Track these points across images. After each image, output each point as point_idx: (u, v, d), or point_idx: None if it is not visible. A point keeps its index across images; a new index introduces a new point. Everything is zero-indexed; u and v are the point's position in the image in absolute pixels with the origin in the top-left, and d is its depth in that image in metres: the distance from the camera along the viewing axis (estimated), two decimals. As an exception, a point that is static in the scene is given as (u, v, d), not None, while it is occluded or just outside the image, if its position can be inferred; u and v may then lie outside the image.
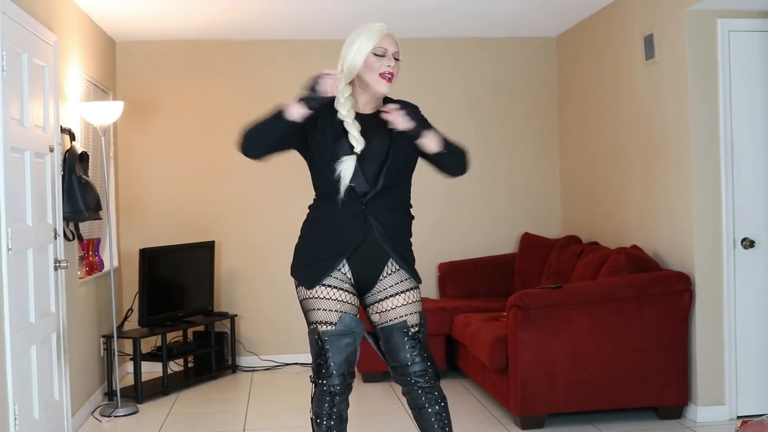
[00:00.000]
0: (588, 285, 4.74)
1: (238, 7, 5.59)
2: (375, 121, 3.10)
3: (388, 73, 3.04)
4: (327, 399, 3.05)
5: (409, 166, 3.14)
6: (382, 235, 3.06)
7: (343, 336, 3.05)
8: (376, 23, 3.10)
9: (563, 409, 4.62)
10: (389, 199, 3.09)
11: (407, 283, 3.13)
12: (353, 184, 3.03)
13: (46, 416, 4.27)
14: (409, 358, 3.07)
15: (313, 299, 3.09)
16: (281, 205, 6.65)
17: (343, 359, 3.05)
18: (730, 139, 4.67)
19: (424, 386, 3.08)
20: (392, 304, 3.10)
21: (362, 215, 3.06)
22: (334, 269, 3.08)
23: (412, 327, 3.09)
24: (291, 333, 6.64)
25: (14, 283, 3.82)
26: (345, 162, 3.01)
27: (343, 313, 3.06)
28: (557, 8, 5.89)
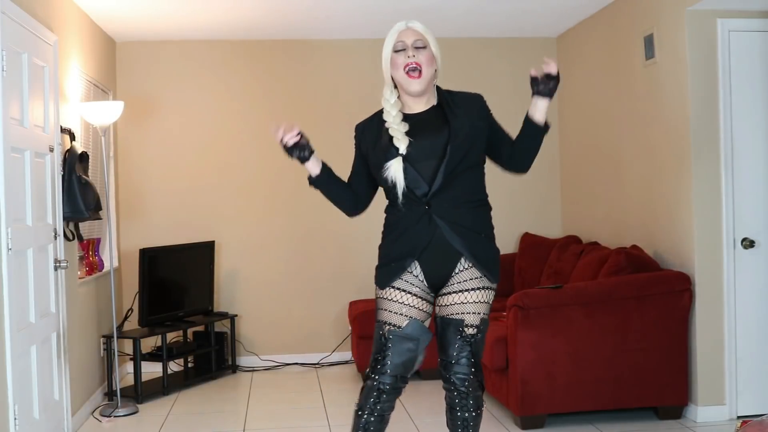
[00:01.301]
0: (588, 285, 4.74)
1: (238, 7, 5.59)
2: (430, 117, 3.08)
3: (413, 64, 3.02)
4: (374, 395, 3.06)
5: (473, 157, 3.07)
6: (449, 232, 3.03)
7: (407, 340, 3.05)
8: (398, 23, 3.12)
9: (563, 409, 4.62)
10: (454, 194, 3.04)
11: (477, 282, 3.08)
12: (411, 186, 3.01)
13: (46, 416, 4.27)
14: (454, 357, 3.06)
15: (384, 300, 3.11)
16: (281, 205, 6.66)
17: (400, 362, 3.05)
18: (730, 139, 4.67)
19: (462, 390, 3.07)
20: (456, 300, 3.08)
21: (426, 215, 3.04)
22: (405, 271, 3.07)
23: (467, 327, 3.07)
24: (291, 333, 6.65)
25: (14, 283, 3.82)
26: (391, 166, 3.00)
27: (411, 318, 3.06)
28: (557, 8, 5.89)
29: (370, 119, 3.18)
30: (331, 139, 6.61)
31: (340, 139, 6.19)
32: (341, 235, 6.61)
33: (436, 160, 3.01)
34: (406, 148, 3.01)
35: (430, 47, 3.08)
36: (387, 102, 3.10)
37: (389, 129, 3.05)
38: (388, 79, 3.10)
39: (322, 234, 6.68)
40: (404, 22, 3.10)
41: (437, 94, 3.15)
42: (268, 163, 6.62)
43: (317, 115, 6.61)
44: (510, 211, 6.80)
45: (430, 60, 3.06)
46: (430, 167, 3.01)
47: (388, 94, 3.11)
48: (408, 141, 3.01)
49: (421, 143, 3.02)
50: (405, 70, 3.03)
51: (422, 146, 3.02)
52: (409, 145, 3.01)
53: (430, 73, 3.06)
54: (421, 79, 3.03)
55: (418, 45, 3.05)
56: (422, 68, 3.03)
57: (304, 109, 6.62)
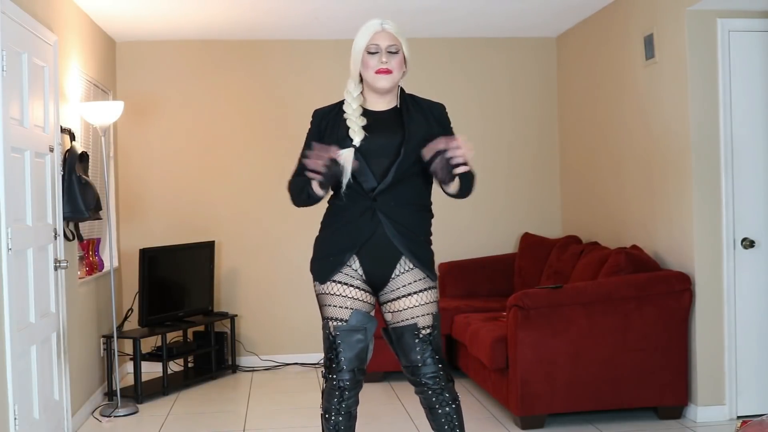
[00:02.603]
0: (588, 285, 4.74)
1: (238, 7, 5.59)
2: (389, 117, 3.10)
3: (383, 70, 3.04)
4: (336, 394, 3.06)
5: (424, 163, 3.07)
6: (391, 231, 3.04)
7: (355, 332, 3.06)
8: (373, 20, 3.11)
9: (563, 409, 4.62)
10: (401, 195, 3.05)
11: (421, 284, 3.10)
12: (360, 180, 3.02)
13: (46, 416, 4.27)
14: (420, 360, 3.07)
15: (326, 295, 3.12)
16: (281, 205, 6.64)
17: (353, 355, 3.06)
18: (730, 139, 4.67)
19: (434, 388, 3.08)
20: (404, 305, 3.08)
21: (370, 210, 3.04)
22: (344, 264, 3.08)
23: (423, 329, 3.08)
24: (291, 333, 6.65)
25: (14, 283, 3.82)
26: (341, 155, 2.99)
27: (354, 309, 3.07)
28: (557, 8, 5.89)
29: (331, 108, 3.19)
30: (331, 139, 6.62)
31: (340, 139, 6.21)
32: (341, 235, 6.60)
33: (388, 158, 3.03)
34: (360, 141, 3.02)
35: (402, 51, 3.10)
36: (349, 94, 3.12)
37: (347, 120, 3.06)
38: (355, 74, 3.12)
39: (322, 234, 6.68)
40: (379, 22, 3.10)
41: (400, 96, 3.16)
42: (268, 163, 6.62)
43: (317, 115, 6.60)
44: (510, 211, 6.80)
45: (400, 65, 3.09)
46: (382, 165, 3.03)
47: (352, 87, 3.13)
48: (363, 135, 3.02)
49: (376, 140, 3.03)
50: (375, 73, 3.05)
51: (376, 144, 3.03)
52: (364, 139, 3.02)
53: (399, 75, 3.10)
54: (389, 77, 3.06)
55: (391, 50, 3.07)
56: (393, 71, 3.06)
57: (303, 109, 6.59)
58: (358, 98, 3.11)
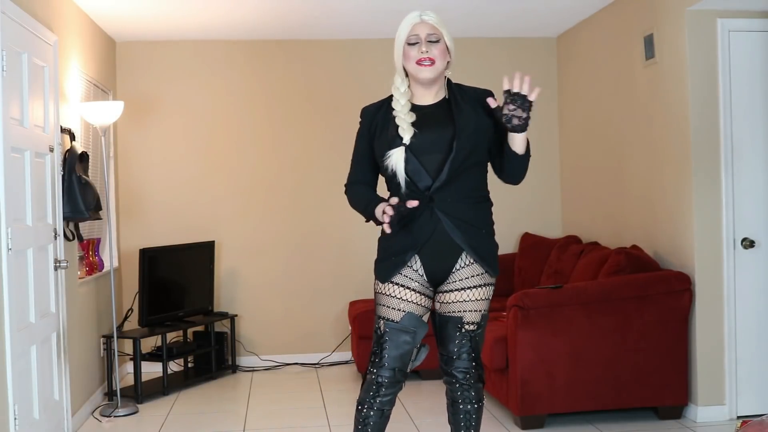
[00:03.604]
0: (588, 285, 4.74)
1: (238, 7, 5.59)
2: (438, 111, 3.07)
3: (426, 59, 3.01)
4: (374, 388, 3.07)
5: (478, 154, 3.06)
6: (450, 227, 3.02)
7: (403, 333, 3.06)
8: (412, 12, 3.09)
9: (563, 409, 4.62)
10: (457, 189, 3.03)
11: (478, 279, 3.08)
12: (414, 179, 3.00)
13: (46, 416, 4.27)
14: (455, 352, 3.09)
15: (383, 295, 3.11)
16: (281, 205, 6.66)
17: (397, 354, 3.06)
18: (730, 139, 4.67)
19: (463, 383, 3.10)
20: (456, 298, 3.08)
21: (428, 209, 3.02)
22: (405, 265, 3.06)
23: (467, 324, 3.08)
24: (291, 333, 6.65)
25: (14, 283, 3.82)
26: (393, 154, 2.98)
27: (408, 312, 3.07)
28: (557, 8, 5.89)
29: (379, 105, 3.16)
30: (330, 139, 6.62)
31: (339, 139, 6.20)
32: (341, 235, 6.61)
33: (441, 154, 3.00)
34: (410, 139, 2.99)
35: (443, 40, 3.08)
36: (397, 90, 3.09)
37: (396, 118, 3.04)
38: (400, 68, 3.09)
39: (322, 234, 6.68)
40: (418, 14, 3.08)
41: (447, 88, 3.14)
42: (268, 163, 6.62)
43: (317, 115, 6.61)
44: (510, 211, 6.79)
45: (443, 53, 3.07)
46: (435, 161, 3.00)
47: (398, 82, 3.10)
48: (413, 132, 3.00)
49: (427, 136, 3.01)
50: (417, 63, 3.03)
51: (427, 139, 3.00)
52: (414, 136, 3.00)
53: (443, 64, 3.07)
54: (432, 67, 3.03)
55: (431, 39, 3.05)
56: (435, 61, 3.04)
57: (304, 109, 6.62)
58: (406, 93, 3.08)
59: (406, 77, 3.10)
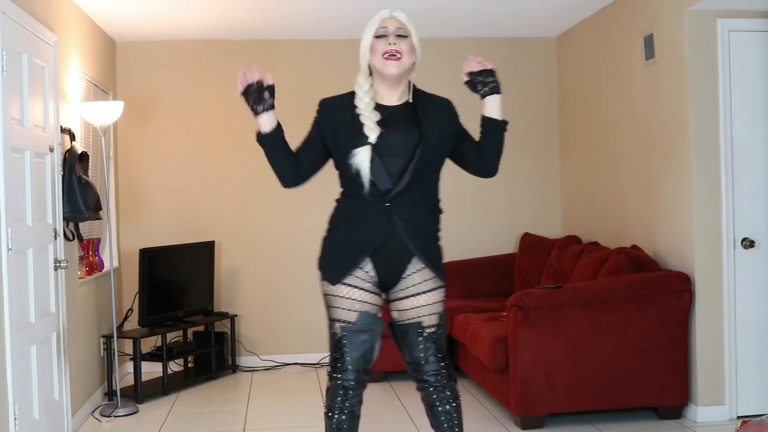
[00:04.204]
0: (588, 285, 4.74)
1: (238, 7, 5.59)
2: (402, 112, 3.04)
3: (394, 51, 2.97)
4: (340, 393, 3.06)
5: (439, 161, 3.06)
6: (406, 232, 3.01)
7: (361, 333, 3.05)
8: (381, 10, 3.06)
9: (563, 409, 4.62)
10: (415, 195, 3.01)
11: (430, 283, 3.08)
12: (375, 180, 2.97)
13: (46, 416, 4.27)
14: (422, 357, 3.07)
15: (335, 297, 3.08)
16: (281, 205, 6.66)
17: (359, 355, 3.05)
18: (730, 139, 4.67)
19: (436, 385, 3.08)
20: (412, 304, 3.07)
21: (386, 212, 3.00)
22: (357, 267, 3.04)
23: (428, 327, 3.07)
24: (291, 333, 6.65)
25: (14, 283, 3.82)
26: (359, 154, 2.95)
27: (362, 312, 3.05)
28: (557, 8, 5.89)
29: (340, 99, 3.12)
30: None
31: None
32: (341, 235, 6.60)
33: (404, 158, 2.98)
34: (376, 138, 2.96)
35: (412, 38, 3.03)
36: (360, 88, 3.06)
37: (360, 116, 3.00)
38: (364, 66, 3.06)
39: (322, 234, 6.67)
40: (388, 10, 3.05)
41: (412, 91, 3.11)
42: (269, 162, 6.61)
43: (317, 115, 6.60)
44: (510, 211, 6.80)
45: (410, 49, 3.02)
46: (398, 165, 2.98)
47: (362, 80, 3.07)
48: (379, 131, 2.96)
49: (391, 138, 2.97)
50: (384, 56, 2.98)
51: (393, 141, 2.97)
52: (380, 136, 2.96)
53: (409, 62, 3.02)
54: (399, 62, 2.99)
55: (400, 33, 3.01)
56: (402, 55, 2.99)
57: (303, 109, 6.61)
58: (370, 91, 3.05)
59: (369, 76, 3.07)
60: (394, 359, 3.57)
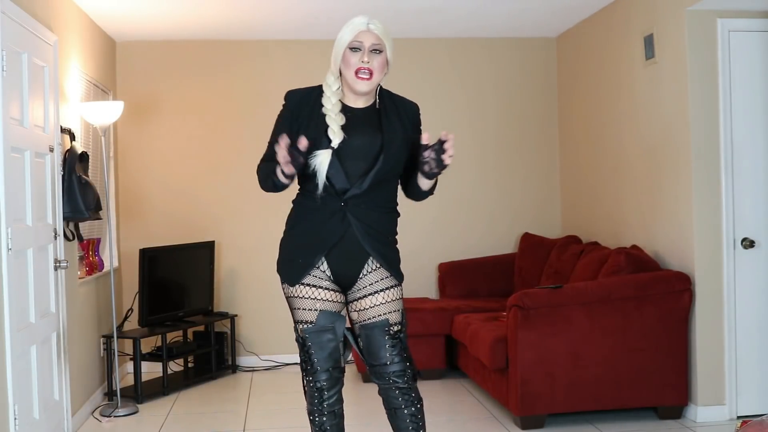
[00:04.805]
0: (588, 285, 4.74)
1: (238, 7, 5.59)
2: (367, 116, 3.04)
3: (364, 69, 2.97)
4: (315, 395, 3.06)
5: (399, 167, 3.07)
6: (361, 233, 3.01)
7: (323, 332, 3.06)
8: (359, 18, 3.04)
9: (563, 409, 4.62)
10: (372, 198, 3.02)
11: (387, 281, 3.08)
12: (332, 180, 2.97)
13: (46, 416, 4.27)
14: (388, 358, 3.05)
15: (295, 298, 3.11)
16: (281, 205, 6.64)
17: (326, 355, 3.06)
18: (730, 139, 4.67)
19: (402, 386, 3.07)
20: (371, 303, 3.07)
21: (341, 212, 3.01)
22: (314, 267, 3.06)
23: (393, 326, 3.07)
24: (291, 333, 6.58)
25: (14, 283, 3.82)
26: (319, 156, 2.94)
27: (322, 311, 3.06)
28: (557, 8, 5.89)
29: (307, 93, 3.12)
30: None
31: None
32: (341, 235, 6.60)
33: (365, 163, 2.99)
34: (338, 143, 2.96)
35: (385, 52, 3.03)
36: (329, 88, 3.06)
37: (326, 117, 3.00)
38: (335, 69, 3.05)
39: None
40: (365, 21, 3.03)
41: (378, 93, 3.11)
42: (268, 163, 6.61)
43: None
44: (510, 211, 6.80)
45: (382, 66, 3.02)
46: (358, 168, 2.99)
47: (331, 81, 3.07)
48: (342, 137, 2.96)
49: (354, 142, 2.98)
50: (356, 73, 2.99)
51: (354, 146, 2.98)
52: (342, 141, 2.97)
53: (380, 77, 3.04)
54: (370, 81, 3.00)
55: (374, 49, 3.00)
56: (373, 74, 3.00)
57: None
58: (338, 93, 3.05)
59: (339, 76, 3.06)
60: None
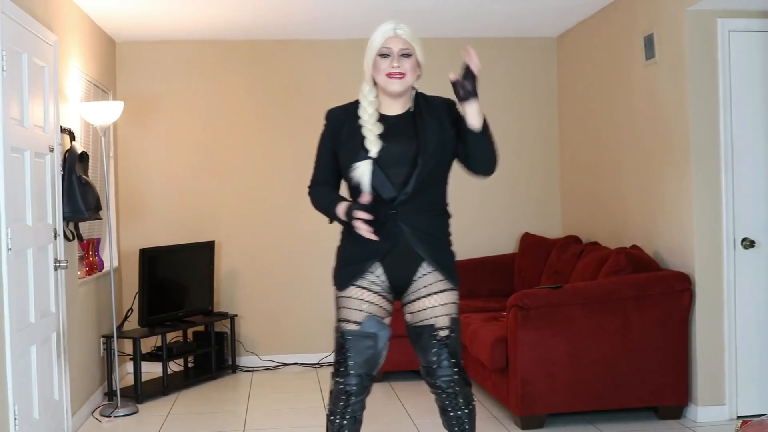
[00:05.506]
0: (588, 285, 4.74)
1: (238, 7, 5.59)
2: (404, 123, 3.07)
3: (396, 73, 3.01)
4: (342, 398, 3.05)
5: (443, 167, 3.09)
6: (412, 238, 3.03)
7: (366, 338, 3.04)
8: (387, 24, 3.07)
9: (563, 409, 4.62)
10: (421, 201, 3.04)
11: (440, 285, 3.08)
12: (379, 190, 2.99)
13: (46, 416, 4.27)
14: (435, 361, 3.05)
15: (343, 298, 3.10)
16: (281, 205, 6.66)
17: (362, 360, 3.04)
18: (730, 139, 4.67)
19: (449, 392, 3.06)
20: (422, 306, 3.07)
21: (392, 219, 3.02)
22: (368, 272, 3.06)
23: (441, 330, 3.05)
24: (291, 333, 6.65)
25: (14, 283, 3.82)
26: (359, 168, 2.99)
27: (369, 314, 3.05)
28: (557, 8, 5.89)
29: (345, 109, 3.15)
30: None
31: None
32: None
33: (406, 168, 3.00)
34: (377, 152, 2.99)
35: (415, 54, 3.07)
36: (365, 98, 3.09)
37: (363, 128, 3.03)
38: (369, 76, 3.09)
39: (322, 234, 6.66)
40: (392, 27, 3.06)
41: (414, 98, 3.14)
42: (268, 162, 6.62)
43: (317, 115, 6.59)
44: (510, 211, 6.80)
45: (414, 68, 3.06)
46: (401, 174, 3.01)
47: (366, 90, 3.10)
48: (381, 145, 3.00)
49: (392, 149, 3.01)
50: (387, 76, 3.03)
51: (393, 152, 3.00)
52: (381, 149, 2.99)
53: (413, 78, 3.07)
54: (402, 80, 3.03)
55: (404, 53, 3.04)
56: (405, 75, 3.04)
57: (303, 110, 6.62)
58: (374, 102, 3.08)
59: (374, 86, 3.10)
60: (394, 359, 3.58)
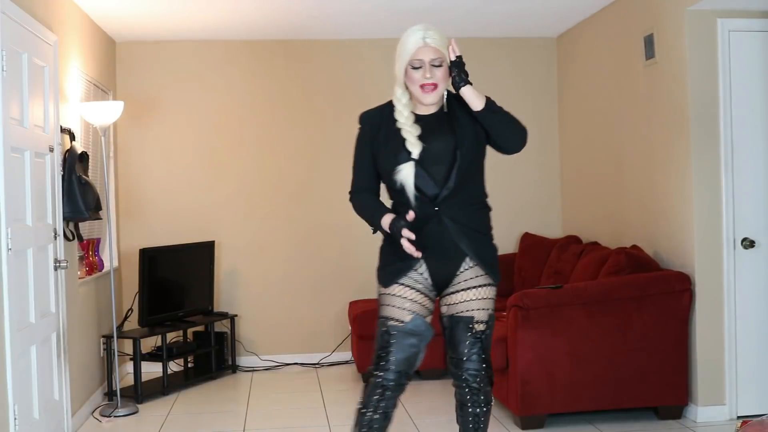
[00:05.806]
0: (588, 285, 4.74)
1: (238, 7, 5.59)
2: (438, 120, 3.11)
3: (430, 85, 3.05)
4: (378, 392, 3.07)
5: (480, 158, 3.14)
6: (456, 233, 3.07)
7: (410, 336, 3.08)
8: (416, 32, 3.06)
9: (563, 409, 4.62)
10: (462, 196, 3.09)
11: (482, 279, 3.12)
12: (422, 188, 3.04)
13: (46, 416, 4.27)
14: (466, 354, 3.10)
15: (388, 296, 3.12)
16: (281, 205, 6.66)
17: (404, 357, 3.07)
18: (730, 139, 4.67)
19: (473, 386, 3.11)
20: (461, 298, 3.12)
21: (436, 216, 3.07)
22: (411, 269, 3.10)
23: (477, 323, 3.10)
24: (291, 333, 6.65)
25: (14, 283, 3.82)
26: (403, 170, 3.03)
27: (415, 314, 3.09)
28: (557, 8, 5.89)
29: (379, 111, 3.18)
30: (331, 139, 6.62)
31: (340, 140, 6.20)
32: (341, 234, 6.60)
33: (446, 164, 3.05)
34: (419, 153, 3.04)
35: (446, 63, 3.09)
36: (399, 101, 3.12)
37: (401, 130, 3.07)
38: (401, 80, 3.11)
39: (322, 234, 6.68)
40: (422, 36, 3.05)
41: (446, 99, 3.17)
42: (269, 163, 6.62)
43: (317, 115, 6.61)
44: (510, 211, 6.79)
45: (445, 77, 3.10)
46: (441, 171, 3.05)
47: (399, 93, 3.13)
48: (421, 146, 3.04)
49: (432, 148, 3.05)
50: (421, 88, 3.06)
51: (433, 151, 3.05)
52: (422, 150, 3.04)
53: (445, 86, 3.12)
54: (435, 92, 3.08)
55: (435, 63, 3.06)
56: (438, 85, 3.07)
57: (304, 110, 6.62)
58: (408, 105, 3.12)
59: (406, 88, 3.12)
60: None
